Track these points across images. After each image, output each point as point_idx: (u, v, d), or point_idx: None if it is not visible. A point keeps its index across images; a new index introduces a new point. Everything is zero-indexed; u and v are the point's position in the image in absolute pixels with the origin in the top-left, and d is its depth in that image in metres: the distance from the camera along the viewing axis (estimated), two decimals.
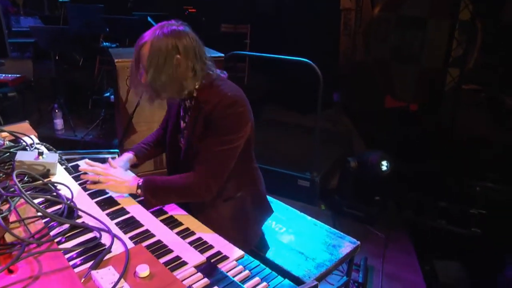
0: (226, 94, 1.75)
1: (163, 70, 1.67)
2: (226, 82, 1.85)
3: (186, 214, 1.74)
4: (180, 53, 1.68)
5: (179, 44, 1.68)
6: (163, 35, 1.67)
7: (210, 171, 1.77)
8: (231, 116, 1.74)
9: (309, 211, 3.84)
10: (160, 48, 1.65)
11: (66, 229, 1.27)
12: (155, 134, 2.25)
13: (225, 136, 1.75)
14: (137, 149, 2.13)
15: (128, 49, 3.61)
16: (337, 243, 2.16)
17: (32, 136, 2.02)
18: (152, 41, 1.66)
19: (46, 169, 1.59)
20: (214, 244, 1.54)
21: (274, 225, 2.31)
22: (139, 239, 1.48)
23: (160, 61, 1.66)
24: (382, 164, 3.62)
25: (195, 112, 1.83)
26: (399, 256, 3.33)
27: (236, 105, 1.74)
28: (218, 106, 1.73)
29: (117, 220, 1.58)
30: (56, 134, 4.85)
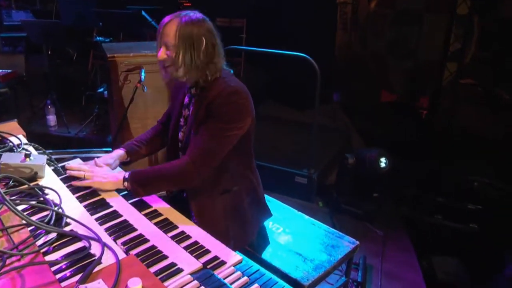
0: (229, 84, 1.76)
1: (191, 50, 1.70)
2: (232, 76, 1.86)
3: (182, 216, 1.68)
4: (209, 40, 1.73)
5: (208, 33, 1.74)
6: (191, 21, 1.70)
7: (202, 154, 1.75)
8: (232, 104, 1.73)
9: (306, 209, 3.85)
10: (191, 31, 1.68)
11: (54, 238, 1.20)
12: (152, 131, 2.20)
13: (223, 123, 1.74)
14: (128, 146, 2.08)
15: (121, 44, 3.54)
16: (335, 243, 2.11)
17: (20, 136, 1.94)
18: (180, 22, 1.69)
19: (33, 172, 1.52)
20: (211, 248, 1.48)
21: (271, 225, 2.26)
22: (133, 244, 1.42)
23: (189, 42, 1.68)
24: (380, 161, 3.57)
25: (199, 100, 1.82)
26: (398, 254, 3.29)
27: (238, 95, 1.75)
28: (221, 93, 1.74)
29: (109, 225, 1.51)
30: (49, 130, 4.77)
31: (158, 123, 2.23)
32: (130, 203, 1.70)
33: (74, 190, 1.71)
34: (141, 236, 1.47)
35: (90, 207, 1.62)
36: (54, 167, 1.80)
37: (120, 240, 1.44)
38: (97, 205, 1.65)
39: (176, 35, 1.68)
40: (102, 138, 4.59)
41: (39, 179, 1.54)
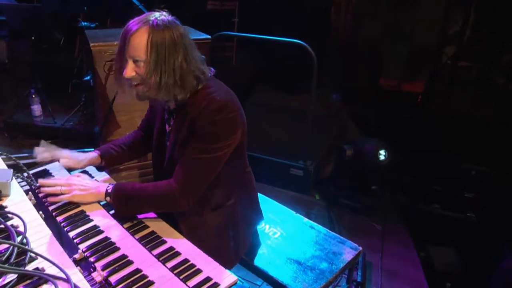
0: (214, 98, 1.53)
1: (165, 65, 1.45)
2: (216, 82, 1.63)
3: (170, 228, 1.53)
4: (186, 48, 1.50)
5: (183, 38, 1.49)
6: (164, 26, 1.45)
7: (188, 181, 1.55)
8: (218, 122, 1.52)
9: (302, 202, 3.73)
10: (164, 39, 1.44)
11: (14, 280, 1.02)
12: (132, 136, 2.00)
13: (209, 144, 1.53)
14: (104, 149, 1.89)
15: (106, 30, 3.34)
16: (337, 249, 1.98)
17: None
18: (151, 30, 1.44)
19: None
20: (202, 267, 1.34)
21: (268, 229, 2.12)
22: (114, 267, 1.27)
23: (162, 55, 1.44)
24: (380, 154, 3.43)
25: (181, 116, 1.61)
26: (397, 249, 3.18)
27: (224, 111, 1.52)
28: (204, 110, 1.51)
29: (88, 243, 1.37)
30: (34, 121, 4.55)
31: (139, 129, 2.03)
32: (111, 214, 1.55)
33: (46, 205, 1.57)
34: (123, 257, 1.32)
35: (68, 222, 1.48)
36: (23, 177, 1.61)
37: (100, 262, 1.29)
38: (77, 219, 1.50)
39: (147, 47, 1.43)
40: (89, 128, 4.39)
41: (4, 198, 1.37)
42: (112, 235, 1.42)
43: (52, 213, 1.52)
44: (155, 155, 1.85)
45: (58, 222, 1.48)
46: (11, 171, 1.41)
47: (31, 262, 1.08)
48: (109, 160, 1.88)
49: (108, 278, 1.23)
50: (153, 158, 1.88)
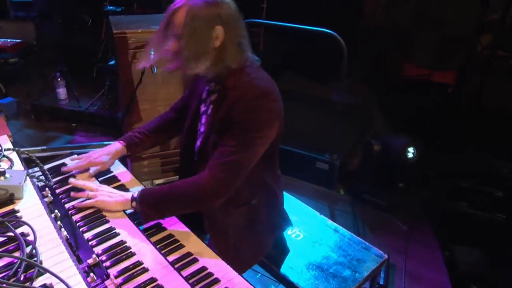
0: (257, 83, 1.47)
1: (201, 39, 1.42)
2: (259, 70, 1.56)
3: (187, 231, 1.47)
4: (223, 23, 1.44)
5: (221, 12, 1.43)
6: (204, 4, 1.42)
7: (224, 174, 1.46)
8: (260, 110, 1.45)
9: (327, 196, 3.65)
10: (199, 14, 1.40)
11: None
12: (161, 119, 1.93)
13: (249, 133, 1.46)
14: (128, 138, 1.82)
15: (131, 17, 3.27)
16: (361, 256, 1.89)
17: (4, 137, 1.70)
18: (190, 5, 1.41)
19: (8, 193, 1.30)
20: (220, 276, 1.28)
21: (291, 231, 2.04)
22: (128, 275, 1.22)
23: (198, 29, 1.41)
24: (408, 151, 3.29)
25: (220, 98, 1.55)
26: (422, 250, 3.07)
27: (266, 98, 1.46)
28: (246, 95, 1.45)
29: (103, 247, 1.32)
30: (60, 104, 4.57)
31: (171, 110, 1.96)
32: (127, 215, 1.50)
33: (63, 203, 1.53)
34: (139, 264, 1.27)
35: (84, 222, 1.43)
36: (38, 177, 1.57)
37: (114, 268, 1.24)
38: (93, 218, 1.45)
39: (184, 23, 1.40)
40: (113, 113, 4.39)
41: (17, 201, 1.32)
42: (128, 238, 1.37)
43: (68, 212, 1.48)
44: (186, 136, 1.78)
45: (74, 221, 1.44)
46: (24, 172, 1.36)
47: (39, 277, 1.03)
48: (135, 148, 1.83)
49: (121, 286, 1.18)
50: (184, 139, 1.80)
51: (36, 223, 1.24)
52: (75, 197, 1.56)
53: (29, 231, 1.18)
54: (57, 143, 4.16)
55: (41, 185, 1.56)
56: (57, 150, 1.78)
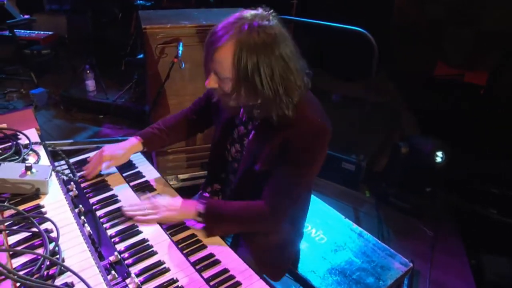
0: (314, 120, 1.40)
1: (251, 83, 1.29)
2: (311, 99, 1.49)
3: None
4: (284, 59, 1.30)
5: (279, 47, 1.28)
6: (252, 33, 1.25)
7: (282, 205, 1.47)
8: (317, 146, 1.42)
9: (352, 197, 3.59)
10: (252, 54, 1.25)
11: None
12: (181, 118, 1.88)
13: (307, 167, 1.44)
14: (146, 134, 1.78)
15: (160, 11, 3.26)
16: (385, 263, 1.84)
17: (32, 131, 1.71)
18: (239, 41, 1.25)
19: (34, 188, 1.31)
20: (242, 279, 1.27)
21: (314, 234, 2.01)
22: (149, 275, 1.21)
23: (250, 71, 1.26)
24: (437, 155, 3.20)
25: (268, 127, 1.44)
26: (448, 258, 2.98)
27: (323, 135, 1.42)
28: (304, 133, 1.38)
29: (125, 244, 1.32)
30: (88, 96, 4.63)
31: (191, 112, 1.90)
32: None
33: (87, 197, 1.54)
34: (160, 263, 1.26)
35: (107, 218, 1.44)
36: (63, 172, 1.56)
37: (136, 267, 1.24)
38: (116, 215, 1.45)
39: (232, 66, 1.27)
40: (140, 106, 4.42)
41: (42, 196, 1.33)
42: (150, 237, 1.37)
43: (92, 207, 1.49)
44: (215, 149, 1.76)
45: (97, 217, 1.44)
46: (50, 167, 1.36)
47: (61, 275, 1.03)
48: (152, 145, 1.80)
49: (142, 286, 1.17)
50: (213, 153, 1.79)
51: (60, 220, 1.25)
52: (99, 193, 1.57)
53: (52, 228, 1.19)
54: (84, 134, 4.22)
55: (66, 179, 1.57)
56: (84, 144, 1.80)
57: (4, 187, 1.28)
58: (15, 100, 4.70)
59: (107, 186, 1.62)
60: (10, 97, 4.72)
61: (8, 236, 1.17)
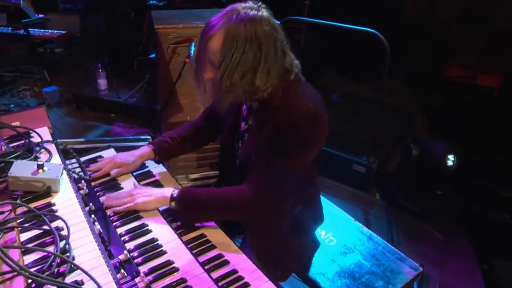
0: (306, 104, 1.41)
1: (237, 68, 1.34)
2: (305, 86, 1.50)
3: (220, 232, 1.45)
4: (261, 48, 1.35)
5: (260, 36, 1.34)
6: (240, 23, 1.33)
7: (265, 190, 1.45)
8: (310, 129, 1.41)
9: (362, 199, 3.56)
10: (236, 40, 1.32)
11: None
12: (191, 127, 1.89)
13: (297, 151, 1.43)
14: (158, 143, 1.80)
15: (173, 11, 3.28)
16: (395, 267, 1.83)
17: (44, 129, 1.73)
18: (226, 30, 1.33)
19: (46, 186, 1.33)
20: (251, 280, 1.26)
21: (324, 235, 2.00)
22: (158, 274, 1.22)
23: (234, 57, 1.33)
24: (448, 158, 3.17)
25: (264, 118, 1.49)
26: (458, 263, 2.95)
27: (316, 119, 1.41)
28: (295, 117, 1.40)
29: (135, 243, 1.32)
30: (100, 94, 4.67)
31: (201, 119, 1.92)
32: (160, 212, 1.50)
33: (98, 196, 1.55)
34: (169, 263, 1.26)
35: (117, 216, 1.44)
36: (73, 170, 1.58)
37: (145, 266, 1.24)
38: (126, 213, 1.46)
39: (221, 51, 1.34)
40: (151, 106, 4.44)
41: (54, 194, 1.35)
42: (160, 236, 1.37)
43: (102, 205, 1.50)
44: (223, 152, 1.77)
45: (107, 215, 1.45)
46: (61, 166, 1.38)
47: (71, 273, 1.04)
48: (163, 154, 1.80)
49: (150, 285, 1.18)
50: (221, 155, 1.80)
51: (70, 218, 1.26)
52: (110, 191, 1.57)
53: (63, 226, 1.20)
54: (95, 132, 4.26)
55: (77, 177, 1.59)
56: (95, 143, 1.80)
57: (17, 185, 1.29)
58: (28, 97, 4.75)
59: (118, 185, 1.63)
60: (23, 94, 4.78)
61: (20, 233, 1.19)
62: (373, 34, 3.47)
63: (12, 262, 0.97)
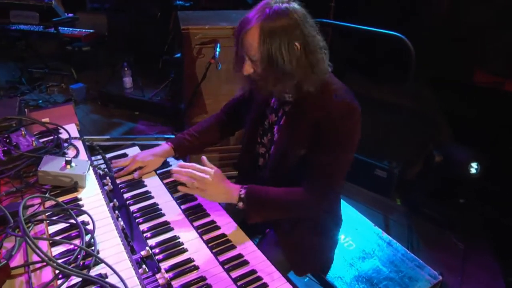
0: (343, 100, 1.44)
1: (278, 63, 1.36)
2: (336, 82, 1.52)
3: (241, 232, 1.46)
4: (300, 40, 1.37)
5: (296, 25, 1.36)
6: (273, 16, 1.34)
7: (328, 188, 1.50)
8: (349, 127, 1.44)
9: (382, 204, 3.54)
10: (274, 33, 1.33)
11: (79, 283, 1.01)
12: (212, 121, 1.93)
13: (343, 150, 1.46)
14: (177, 140, 1.84)
15: (199, 12, 3.32)
16: (414, 274, 1.82)
17: (72, 126, 1.77)
18: (261, 25, 1.34)
19: (73, 181, 1.37)
20: (269, 281, 1.27)
21: (343, 239, 2.00)
22: (178, 271, 1.24)
23: (274, 52, 1.34)
24: (471, 166, 3.12)
25: (299, 111, 1.51)
26: (480, 273, 2.90)
27: (353, 114, 1.44)
28: (333, 114, 1.42)
29: (157, 240, 1.36)
30: (125, 92, 4.75)
31: (222, 113, 1.96)
32: (183, 209, 1.53)
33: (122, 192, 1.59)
34: (189, 261, 1.29)
35: (140, 213, 1.48)
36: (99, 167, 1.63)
37: (166, 263, 1.27)
38: (149, 211, 1.49)
39: (259, 46, 1.35)
40: (176, 105, 4.49)
41: (80, 189, 1.39)
42: (181, 234, 1.39)
43: (126, 202, 1.53)
44: (247, 144, 1.78)
45: (131, 211, 1.48)
46: (88, 162, 1.42)
47: (96, 266, 1.08)
48: (182, 151, 1.84)
49: (171, 281, 1.20)
50: (243, 149, 1.82)
51: (95, 213, 1.30)
52: (134, 188, 1.61)
53: (89, 220, 1.24)
54: (119, 130, 4.32)
55: (102, 174, 1.63)
56: (120, 140, 1.84)
57: (46, 179, 1.34)
58: (56, 93, 4.87)
59: (141, 182, 1.67)
60: (51, 91, 4.90)
61: (49, 226, 1.23)
62: (399, 38, 3.44)
63: (41, 253, 1.00)
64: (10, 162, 1.40)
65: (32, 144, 1.46)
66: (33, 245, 1.00)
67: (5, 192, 1.34)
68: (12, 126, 1.62)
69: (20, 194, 1.35)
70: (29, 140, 1.50)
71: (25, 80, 5.00)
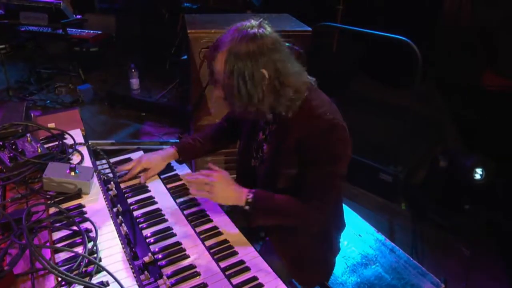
0: (322, 117, 1.42)
1: (240, 89, 1.37)
2: (316, 93, 1.51)
3: (243, 238, 1.49)
4: (269, 67, 1.37)
5: (264, 51, 1.36)
6: (241, 42, 1.34)
7: (326, 205, 1.51)
8: (330, 143, 1.43)
9: (387, 209, 3.53)
10: (238, 61, 1.34)
11: None
12: (215, 129, 1.96)
13: (329, 166, 1.45)
14: (182, 144, 1.88)
15: (205, 16, 3.32)
16: (416, 282, 1.82)
17: (77, 131, 1.79)
18: (228, 50, 1.36)
19: (77, 188, 1.39)
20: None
21: (346, 245, 2.00)
22: (181, 277, 1.26)
23: (236, 78, 1.35)
24: (476, 172, 3.10)
25: (282, 129, 1.52)
26: (486, 281, 2.87)
27: (334, 130, 1.43)
28: (313, 132, 1.42)
29: (159, 245, 1.37)
30: (132, 93, 4.78)
31: (224, 120, 1.99)
32: (186, 214, 1.55)
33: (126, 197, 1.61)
34: (191, 267, 1.30)
35: (144, 218, 1.50)
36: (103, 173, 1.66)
37: (168, 268, 1.29)
38: (153, 216, 1.51)
39: (223, 72, 1.37)
40: (182, 106, 4.51)
41: (84, 196, 1.41)
42: (184, 240, 1.41)
43: (130, 207, 1.55)
44: (242, 155, 1.80)
45: (134, 217, 1.50)
46: (92, 169, 1.44)
47: (97, 273, 1.10)
48: (186, 155, 1.87)
49: (172, 287, 1.22)
50: (239, 161, 1.84)
51: (98, 220, 1.32)
52: (138, 193, 1.63)
53: (92, 227, 1.25)
54: (126, 131, 4.35)
55: (106, 179, 1.65)
56: (125, 145, 1.86)
57: (51, 185, 1.36)
58: (63, 94, 4.91)
59: (145, 187, 1.69)
60: (59, 91, 4.94)
61: (52, 232, 1.25)
62: (405, 42, 3.43)
63: (44, 261, 1.02)
64: (16, 168, 1.43)
65: (37, 150, 1.48)
66: (36, 254, 1.01)
67: (10, 198, 1.36)
68: (19, 132, 1.65)
69: (25, 200, 1.38)
70: (34, 146, 1.52)
71: (33, 80, 5.05)
